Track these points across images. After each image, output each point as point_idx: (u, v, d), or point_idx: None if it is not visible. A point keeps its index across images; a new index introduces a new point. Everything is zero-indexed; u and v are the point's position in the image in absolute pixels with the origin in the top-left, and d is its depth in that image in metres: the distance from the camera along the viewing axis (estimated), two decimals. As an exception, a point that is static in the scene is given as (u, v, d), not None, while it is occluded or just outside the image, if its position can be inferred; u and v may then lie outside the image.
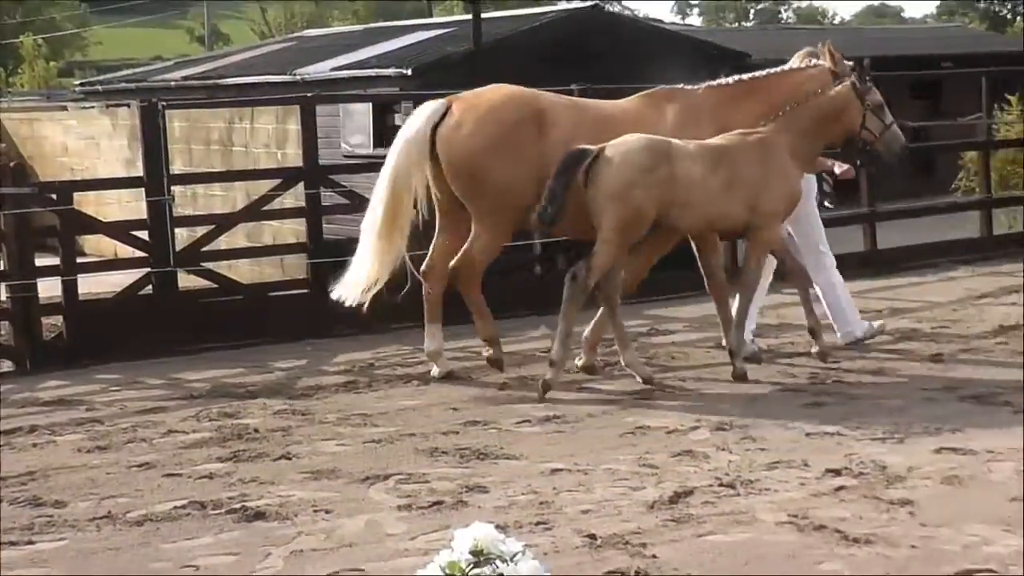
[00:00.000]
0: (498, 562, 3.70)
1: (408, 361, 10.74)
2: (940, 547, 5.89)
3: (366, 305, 10.04)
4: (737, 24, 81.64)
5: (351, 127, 19.21)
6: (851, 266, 14.60)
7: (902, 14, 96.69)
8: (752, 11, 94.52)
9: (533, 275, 13.34)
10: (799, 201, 9.86)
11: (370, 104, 18.77)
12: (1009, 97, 17.98)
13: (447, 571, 3.67)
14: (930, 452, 7.46)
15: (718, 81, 10.46)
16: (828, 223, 11.16)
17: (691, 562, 5.77)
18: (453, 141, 9.79)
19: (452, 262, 9.94)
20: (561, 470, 7.33)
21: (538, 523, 6.36)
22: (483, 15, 19.56)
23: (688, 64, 18.37)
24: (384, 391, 9.70)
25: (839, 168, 10.79)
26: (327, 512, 6.69)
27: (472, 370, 10.28)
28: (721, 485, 6.92)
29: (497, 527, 3.91)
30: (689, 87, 10.46)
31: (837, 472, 7.11)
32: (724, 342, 9.78)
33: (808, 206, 10.48)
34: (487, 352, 10.15)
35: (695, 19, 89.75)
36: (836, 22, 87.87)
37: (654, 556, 5.82)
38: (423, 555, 4.40)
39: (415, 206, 10.10)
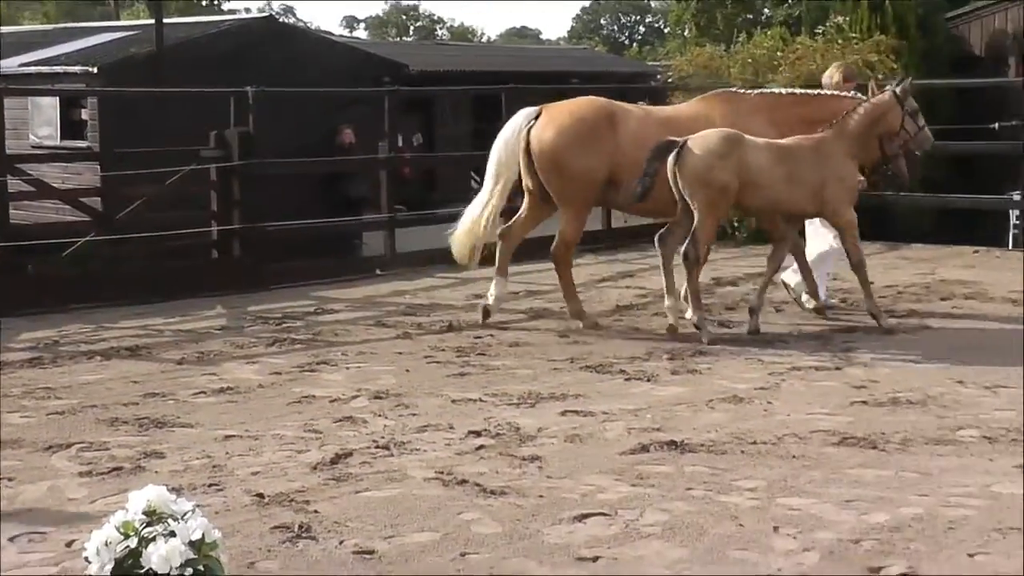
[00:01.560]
0: (170, 521, 3.67)
1: (91, 339, 10.36)
2: (563, 495, 6.05)
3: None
4: (399, 38, 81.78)
5: (39, 120, 18.71)
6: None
7: (540, 36, 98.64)
8: (412, 27, 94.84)
9: (210, 258, 13.17)
10: (858, 190, 10.51)
11: (58, 98, 18.32)
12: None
13: (122, 530, 3.62)
14: (556, 415, 7.65)
15: (764, 90, 11.40)
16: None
17: (349, 515, 5.77)
18: (542, 140, 10.69)
19: (551, 247, 11.04)
20: (233, 436, 7.22)
21: (211, 485, 6.26)
22: (166, 20, 19.24)
23: (352, 72, 18.39)
24: (68, 366, 9.30)
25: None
26: (9, 480, 6.41)
27: (152, 347, 10.05)
28: (377, 447, 6.94)
29: (171, 489, 3.87)
30: (739, 92, 11.50)
31: (478, 433, 7.22)
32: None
33: None
34: (579, 324, 10.75)
35: (361, 33, 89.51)
36: (484, 40, 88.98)
37: (316, 511, 5.82)
38: (102, 517, 4.28)
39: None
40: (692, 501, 5.96)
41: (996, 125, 16.98)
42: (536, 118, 10.83)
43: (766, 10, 44.59)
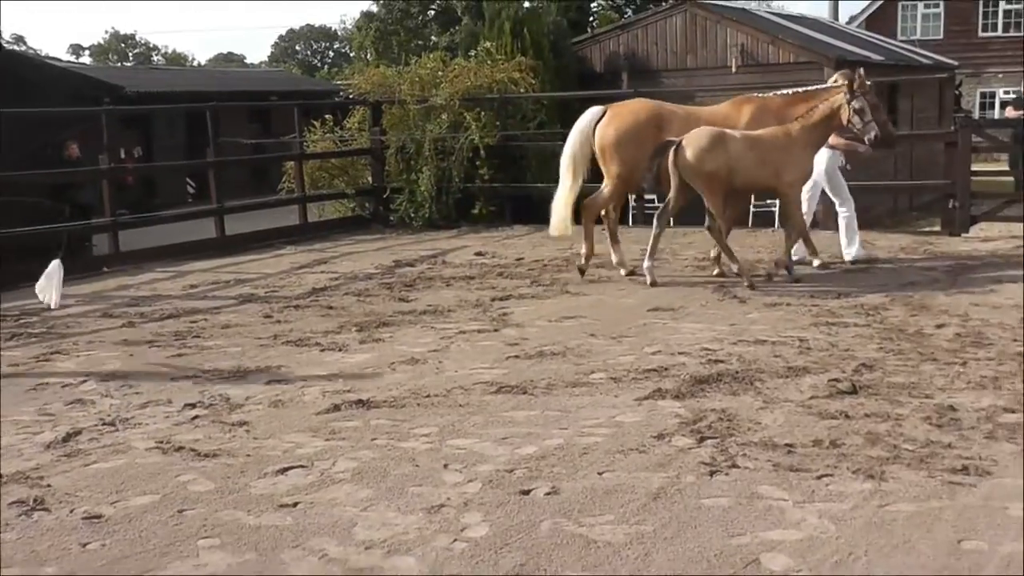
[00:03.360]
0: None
1: None
2: (267, 453, 5.97)
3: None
4: (120, 64, 78.44)
5: None
6: (207, 249, 14.61)
7: (244, 59, 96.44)
8: (131, 54, 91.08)
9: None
10: (810, 172, 11.19)
11: None
12: (314, 122, 18.44)
13: None
14: (262, 384, 7.52)
15: (781, 92, 11.65)
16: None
17: (79, 486, 5.54)
18: (604, 134, 11.52)
19: (588, 199, 11.79)
20: (-27, 424, 6.81)
21: (-46, 469, 5.91)
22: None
23: (75, 93, 17.53)
24: None
25: (861, 148, 11.46)
26: None
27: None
28: (104, 424, 6.67)
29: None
30: (760, 95, 11.81)
31: (193, 405, 7.03)
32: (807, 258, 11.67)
33: (836, 170, 12.11)
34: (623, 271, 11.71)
35: (86, 59, 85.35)
36: (195, 64, 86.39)
37: (49, 485, 5.55)
38: None
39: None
40: (376, 449, 5.97)
41: (615, 127, 17.68)
42: (602, 116, 11.64)
43: (433, 37, 44.95)
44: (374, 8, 49.72)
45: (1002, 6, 40.23)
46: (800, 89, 11.75)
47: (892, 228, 16.18)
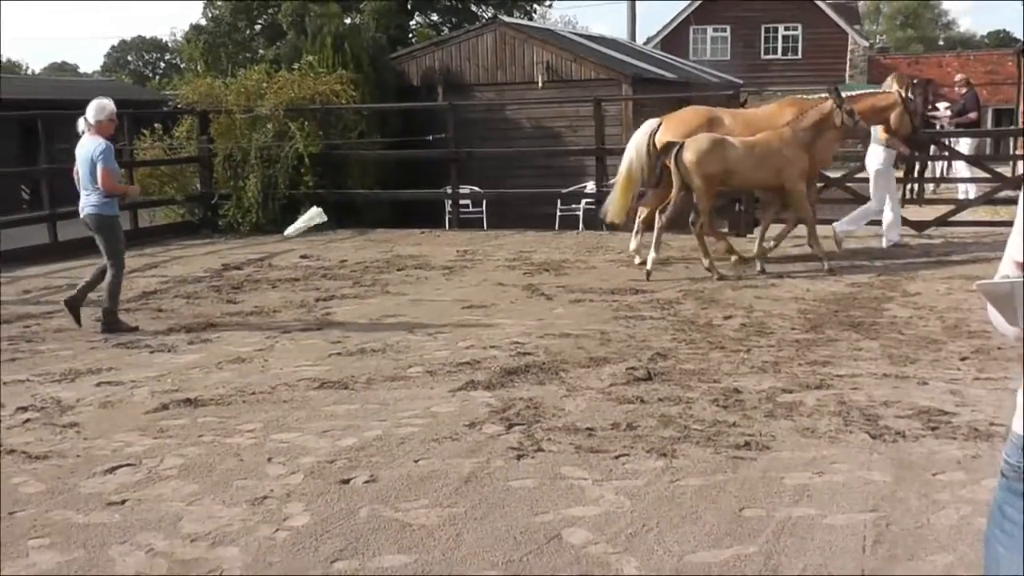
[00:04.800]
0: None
1: None
2: (96, 453, 5.77)
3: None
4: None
5: None
6: (41, 255, 13.98)
7: (78, 69, 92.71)
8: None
9: None
10: (806, 169, 11.37)
11: None
12: (144, 130, 17.90)
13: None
14: (92, 386, 7.24)
15: (822, 95, 11.81)
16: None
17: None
18: (661, 142, 11.52)
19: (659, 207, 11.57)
20: None
21: None
22: None
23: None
24: None
25: (903, 148, 12.44)
26: None
27: None
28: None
29: None
30: (803, 98, 12.30)
31: (25, 409, 6.74)
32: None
33: (888, 166, 12.67)
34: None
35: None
36: (29, 73, 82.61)
37: None
38: None
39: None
40: (203, 445, 5.84)
41: (431, 137, 17.70)
42: (658, 127, 11.93)
43: (260, 50, 44.15)
44: (203, 22, 48.57)
45: (781, 32, 41.96)
46: (844, 93, 12.11)
47: (687, 230, 16.63)
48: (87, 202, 9.11)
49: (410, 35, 41.62)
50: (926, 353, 7.55)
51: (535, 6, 50.54)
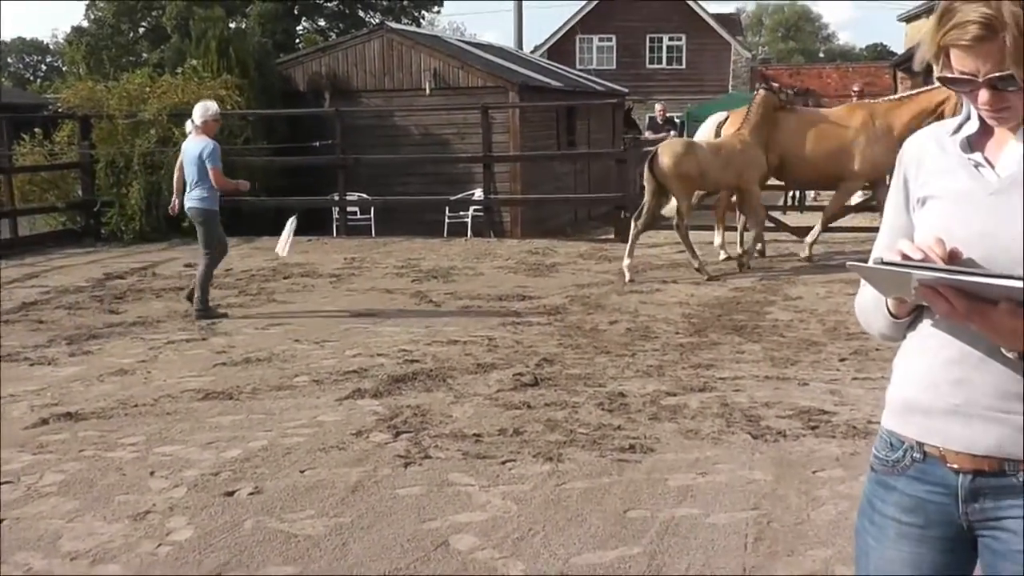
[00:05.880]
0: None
1: None
2: (-30, 470, 5.59)
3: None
4: None
5: None
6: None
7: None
8: None
9: None
10: (764, 171, 12.03)
11: None
12: (23, 135, 17.41)
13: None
14: (-35, 401, 7.04)
15: (889, 97, 12.35)
16: None
17: None
18: (725, 133, 12.03)
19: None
20: None
21: None
22: None
23: None
24: None
25: None
26: None
27: None
28: None
29: None
30: (873, 101, 12.56)
31: None
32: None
33: None
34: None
35: None
36: None
37: None
38: None
39: None
40: (84, 460, 5.68)
41: (317, 143, 17.53)
42: (726, 119, 12.33)
43: (144, 53, 43.23)
44: (85, 23, 47.38)
45: (665, 42, 42.63)
46: (905, 94, 12.47)
47: (573, 236, 16.80)
48: (192, 196, 9.77)
49: (296, 40, 41.20)
50: (806, 355, 7.75)
51: (423, 12, 50.56)
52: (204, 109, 9.85)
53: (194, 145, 9.76)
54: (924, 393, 2.04)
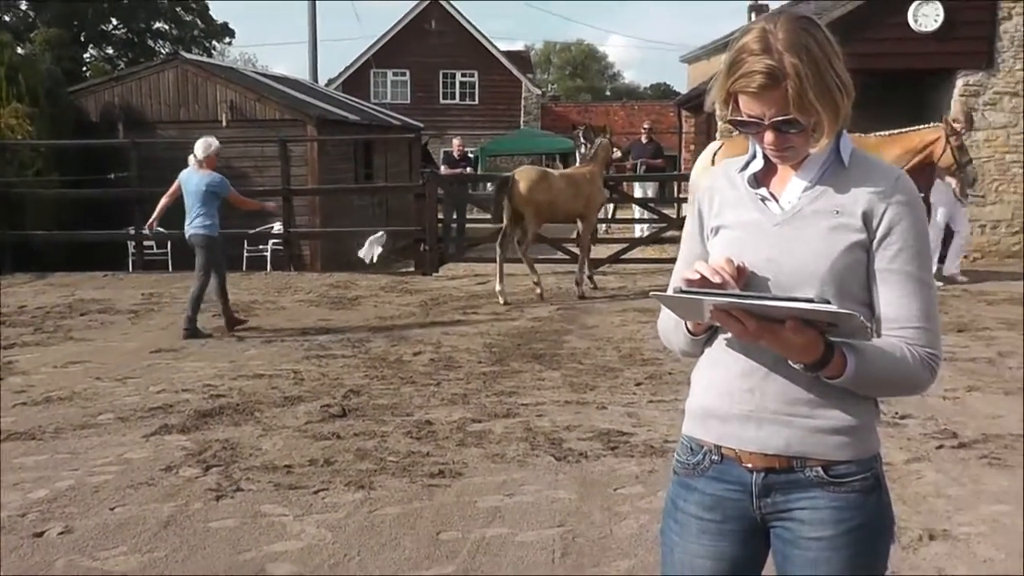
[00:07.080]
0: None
1: None
2: None
3: None
4: None
5: None
6: None
7: None
8: None
9: None
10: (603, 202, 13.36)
11: None
12: None
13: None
14: None
15: (879, 133, 12.07)
16: None
17: None
18: (720, 160, 10.17)
19: None
20: None
21: None
22: None
23: None
24: None
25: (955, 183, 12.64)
26: None
27: None
28: None
29: None
30: (861, 135, 11.87)
31: None
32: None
33: (955, 202, 13.03)
34: None
35: None
36: None
37: None
38: None
39: None
40: None
41: (112, 176, 17.06)
42: (720, 147, 12.01)
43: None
44: None
45: (458, 78, 43.31)
46: (896, 132, 12.57)
47: (373, 270, 16.89)
48: (195, 224, 10.17)
49: (84, 69, 39.80)
50: (604, 380, 8.11)
51: (215, 43, 49.67)
52: (207, 145, 10.35)
53: (198, 177, 10.23)
54: (720, 401, 2.29)
